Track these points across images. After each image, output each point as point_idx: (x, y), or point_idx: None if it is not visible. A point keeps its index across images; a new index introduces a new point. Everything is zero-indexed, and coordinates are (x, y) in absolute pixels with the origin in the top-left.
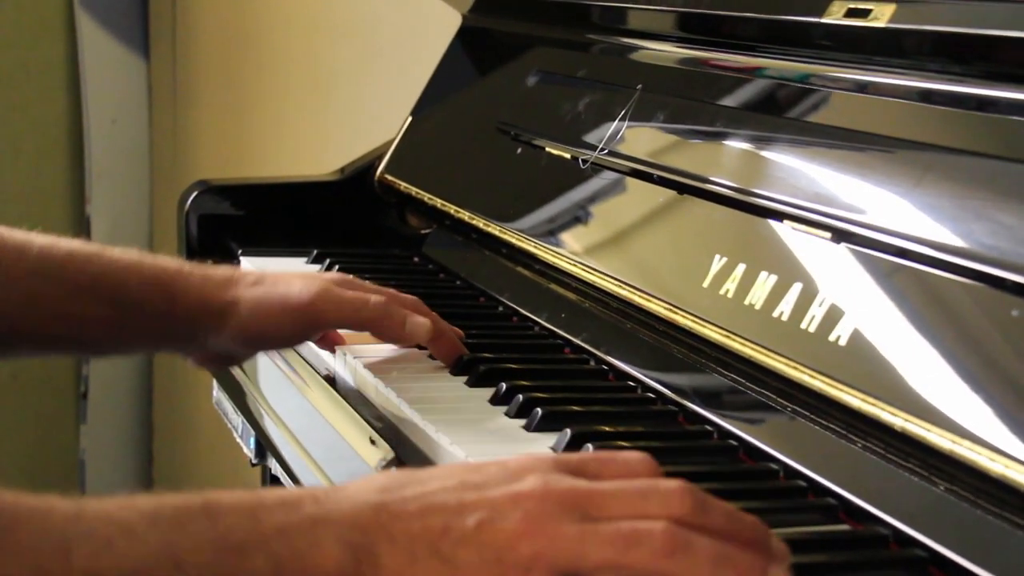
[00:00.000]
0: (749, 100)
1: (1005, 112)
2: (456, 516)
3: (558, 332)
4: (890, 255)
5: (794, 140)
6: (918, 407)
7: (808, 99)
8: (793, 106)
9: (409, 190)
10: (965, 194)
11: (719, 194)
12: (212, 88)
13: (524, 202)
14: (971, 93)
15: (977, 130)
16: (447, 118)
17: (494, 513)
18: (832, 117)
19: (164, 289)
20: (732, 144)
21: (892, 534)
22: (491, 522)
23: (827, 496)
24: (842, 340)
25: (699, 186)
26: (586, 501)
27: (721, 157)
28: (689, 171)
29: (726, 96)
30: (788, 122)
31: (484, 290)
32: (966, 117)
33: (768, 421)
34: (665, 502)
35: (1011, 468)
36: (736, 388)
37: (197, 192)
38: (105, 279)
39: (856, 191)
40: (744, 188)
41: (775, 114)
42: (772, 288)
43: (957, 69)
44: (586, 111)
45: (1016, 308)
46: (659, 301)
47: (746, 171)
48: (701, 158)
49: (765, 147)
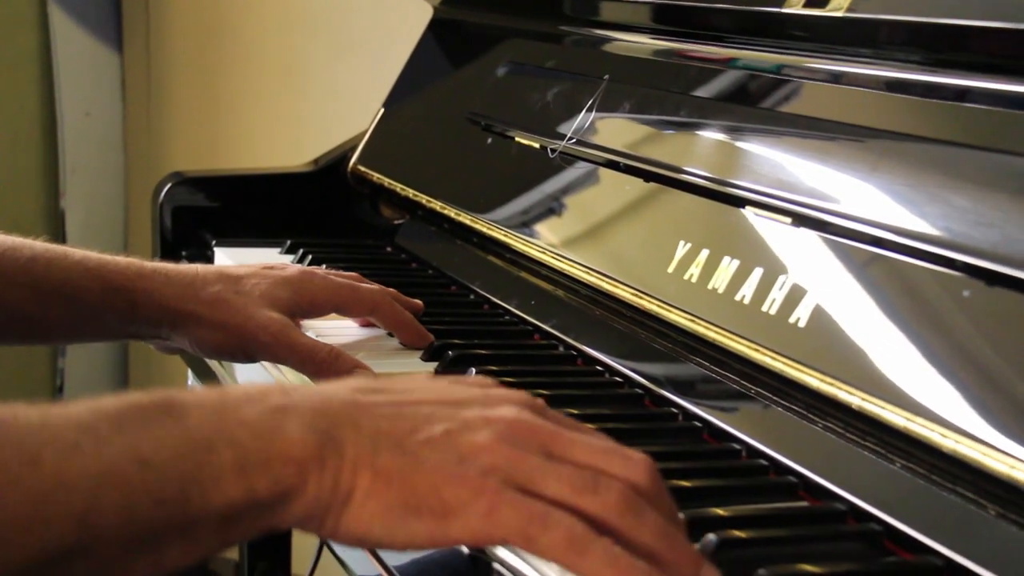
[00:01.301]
0: (713, 90)
1: (957, 99)
2: (425, 422)
3: (528, 319)
4: (847, 239)
5: (756, 128)
6: (874, 386)
7: (770, 88)
8: (755, 95)
9: (382, 181)
10: (919, 178)
11: (684, 182)
12: (186, 81)
13: (494, 192)
14: (925, 80)
15: (931, 117)
16: (419, 109)
17: (463, 427)
18: (792, 105)
19: (126, 296)
20: (696, 133)
21: (850, 509)
22: (459, 432)
23: (788, 474)
24: (801, 322)
25: (664, 174)
26: (553, 440)
27: (686, 146)
28: (655, 159)
29: (691, 86)
30: (750, 111)
31: (456, 279)
32: (920, 104)
33: (731, 402)
34: (626, 465)
35: (961, 443)
36: (700, 371)
37: (171, 184)
38: (67, 285)
39: (815, 177)
40: (708, 175)
41: (738, 103)
42: (734, 272)
43: (913, 57)
44: (555, 101)
45: (968, 288)
46: (626, 287)
47: (710, 159)
48: (666, 147)
49: (728, 135)
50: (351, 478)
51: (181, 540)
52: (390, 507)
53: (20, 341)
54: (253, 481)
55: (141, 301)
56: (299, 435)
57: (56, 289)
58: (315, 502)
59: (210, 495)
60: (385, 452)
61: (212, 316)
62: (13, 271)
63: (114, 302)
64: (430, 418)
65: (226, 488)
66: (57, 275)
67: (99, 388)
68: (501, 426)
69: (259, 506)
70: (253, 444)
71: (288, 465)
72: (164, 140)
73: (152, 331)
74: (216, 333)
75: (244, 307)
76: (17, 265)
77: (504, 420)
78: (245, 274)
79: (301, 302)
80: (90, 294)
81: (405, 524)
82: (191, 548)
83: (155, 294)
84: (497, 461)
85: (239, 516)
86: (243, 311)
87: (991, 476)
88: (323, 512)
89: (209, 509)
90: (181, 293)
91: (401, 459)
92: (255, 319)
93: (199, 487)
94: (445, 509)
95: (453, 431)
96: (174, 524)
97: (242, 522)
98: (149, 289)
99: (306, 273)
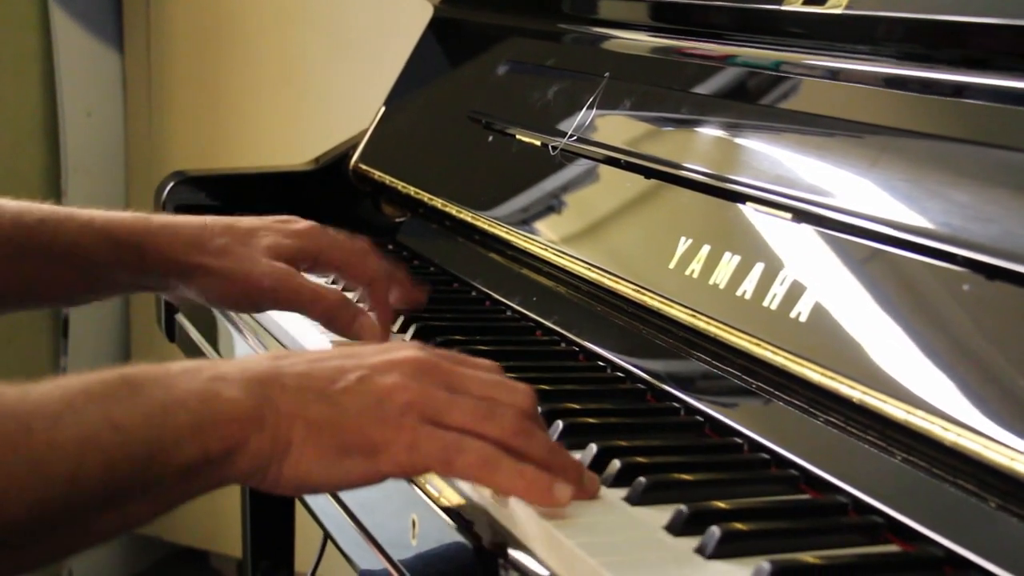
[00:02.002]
0: (712, 87)
1: (955, 95)
2: (339, 373)
3: (529, 315)
4: (847, 234)
5: (755, 125)
6: (875, 379)
7: (769, 85)
8: (754, 92)
9: (383, 179)
10: (919, 174)
11: (685, 178)
12: (187, 81)
13: (496, 189)
14: (923, 76)
15: (929, 113)
16: (420, 107)
17: (373, 372)
18: (790, 102)
19: (134, 250)
20: (696, 130)
21: (851, 502)
22: (370, 378)
23: (789, 468)
24: (802, 317)
25: (665, 171)
26: (450, 376)
27: (686, 142)
28: (655, 156)
29: (690, 83)
30: (749, 107)
31: (458, 276)
32: (918, 100)
33: (733, 397)
34: (514, 394)
35: (963, 436)
36: (702, 366)
37: (173, 183)
38: (77, 246)
39: (814, 173)
40: (708, 172)
41: (737, 100)
42: (735, 268)
43: (911, 53)
44: (556, 99)
45: (967, 283)
46: (627, 283)
47: (710, 155)
48: (667, 144)
49: (728, 132)
50: (287, 430)
51: (144, 496)
52: (324, 451)
53: (37, 305)
54: (206, 441)
55: (149, 255)
56: (239, 398)
57: (66, 251)
58: (257, 455)
59: (171, 454)
60: (312, 404)
61: (218, 266)
62: (23, 237)
63: (123, 257)
64: (342, 368)
65: (185, 448)
66: (66, 238)
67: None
68: (405, 367)
69: (211, 463)
70: (201, 408)
71: (232, 424)
72: (165, 139)
73: (161, 282)
74: (222, 282)
75: (250, 256)
76: (25, 230)
77: (407, 360)
78: (254, 226)
79: (307, 253)
80: (99, 253)
81: (340, 464)
82: (153, 503)
83: (163, 247)
84: (410, 398)
85: (195, 473)
86: (248, 259)
87: (991, 468)
88: (266, 464)
89: (170, 467)
90: (189, 245)
91: (328, 408)
92: (260, 266)
93: (161, 447)
94: (373, 447)
95: (364, 377)
96: (140, 482)
97: (197, 479)
98: (157, 243)
99: (316, 227)
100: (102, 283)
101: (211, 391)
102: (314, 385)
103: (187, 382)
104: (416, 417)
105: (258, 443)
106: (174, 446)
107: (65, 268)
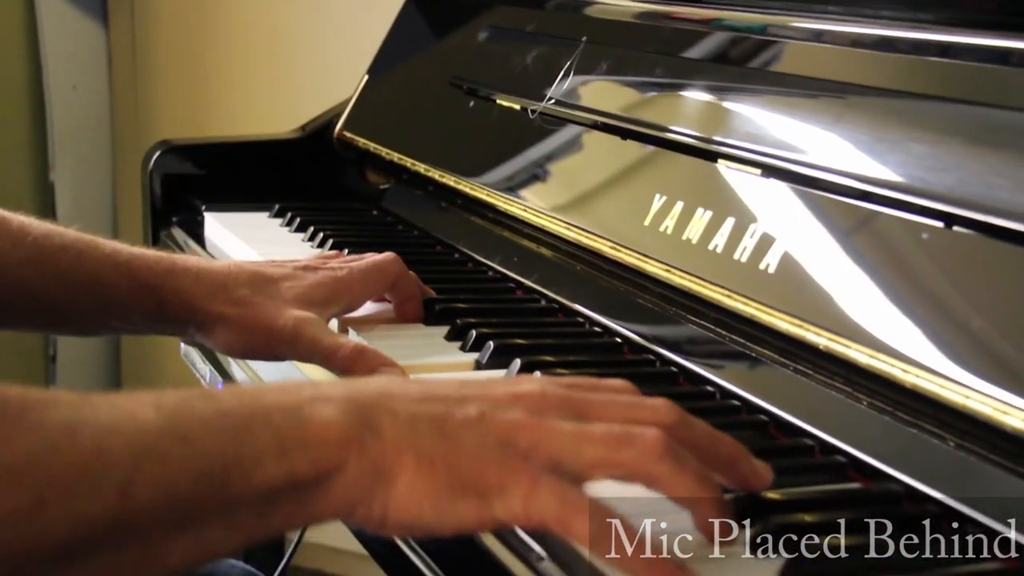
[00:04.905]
0: (685, 48)
1: (916, 52)
2: (458, 404)
3: (510, 275)
4: (813, 188)
5: (727, 85)
6: (840, 325)
7: (739, 45)
8: (725, 53)
9: (367, 145)
10: (882, 128)
11: (659, 138)
12: (171, 52)
13: (477, 154)
14: (886, 35)
15: (892, 69)
16: (402, 75)
17: (495, 405)
18: (760, 62)
19: (153, 294)
20: (670, 91)
21: (818, 445)
22: (492, 412)
23: (759, 413)
24: (771, 268)
25: (640, 131)
26: (580, 406)
27: (660, 103)
28: (631, 117)
29: (664, 46)
30: (721, 68)
31: (441, 239)
32: (880, 58)
33: (706, 348)
34: (653, 413)
35: (921, 378)
36: (677, 319)
37: (160, 152)
38: (95, 278)
39: (783, 130)
40: (682, 131)
41: (709, 61)
42: (708, 223)
43: (873, 12)
44: (536, 64)
45: (926, 231)
46: (604, 240)
47: (683, 115)
48: (642, 105)
49: (701, 92)
50: (393, 460)
51: (221, 521)
52: (437, 489)
53: (46, 329)
54: (293, 462)
55: (170, 300)
56: (336, 418)
57: (84, 281)
58: (357, 485)
59: (250, 474)
60: (425, 435)
61: (239, 317)
62: (41, 259)
63: (141, 299)
64: (462, 400)
65: (266, 467)
66: (86, 267)
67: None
68: (530, 402)
69: (299, 487)
70: (290, 426)
71: (326, 446)
72: (151, 111)
73: (179, 329)
74: (242, 334)
75: (274, 306)
76: (47, 254)
77: (532, 396)
78: (278, 276)
79: (338, 302)
80: (118, 289)
81: (453, 506)
82: (231, 531)
83: (184, 293)
84: (534, 438)
85: (279, 498)
86: (271, 310)
87: (948, 407)
88: (368, 497)
89: (249, 489)
90: (211, 294)
91: (442, 441)
92: (282, 317)
93: (239, 466)
94: (488, 490)
95: (486, 412)
96: (214, 504)
97: (283, 505)
98: (178, 288)
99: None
100: (117, 319)
101: (305, 410)
102: (429, 415)
103: (278, 397)
104: (543, 459)
105: (358, 471)
106: (254, 465)
107: (81, 297)
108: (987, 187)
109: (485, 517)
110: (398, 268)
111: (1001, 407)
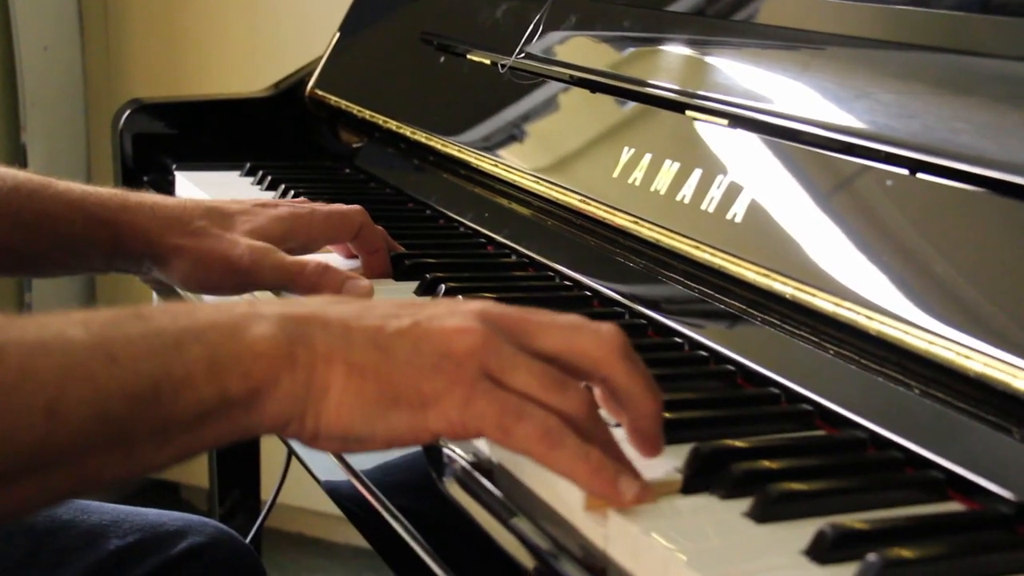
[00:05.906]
0: (653, 0)
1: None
2: (392, 318)
3: (481, 231)
4: (779, 137)
5: (694, 36)
6: (805, 273)
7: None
8: (691, 3)
9: (339, 103)
10: (848, 77)
11: (627, 90)
12: (144, 12)
13: (448, 110)
14: None
15: (858, 17)
16: (374, 31)
17: (431, 317)
18: (725, 10)
19: (108, 228)
20: (638, 43)
21: (784, 393)
22: (428, 321)
23: (727, 364)
24: (738, 218)
25: (609, 83)
26: (521, 327)
27: (628, 56)
28: (599, 70)
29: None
30: (687, 19)
31: (413, 196)
32: (849, 6)
33: (675, 300)
34: (596, 336)
35: (886, 324)
36: (645, 272)
37: (130, 111)
38: (49, 216)
39: (749, 79)
40: (650, 83)
41: (676, 12)
42: (675, 174)
43: None
44: (504, 18)
45: (889, 179)
46: (574, 194)
47: (651, 67)
48: (610, 58)
49: (668, 45)
50: (325, 373)
51: (152, 438)
52: (368, 400)
53: (5, 272)
54: (223, 377)
55: (124, 234)
56: (268, 332)
57: (38, 220)
58: (290, 399)
59: (181, 392)
60: (358, 346)
61: (196, 248)
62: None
63: (96, 235)
64: (397, 315)
65: (197, 384)
66: (39, 206)
67: None
68: (469, 314)
69: (231, 404)
70: (222, 341)
71: (258, 360)
72: (124, 71)
73: (135, 264)
74: (198, 266)
75: (229, 238)
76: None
77: (471, 310)
78: (235, 211)
79: (296, 238)
80: (72, 226)
81: (385, 417)
82: (163, 447)
83: (139, 227)
84: (471, 345)
85: (211, 415)
86: (227, 241)
87: (912, 354)
88: (300, 410)
89: (180, 407)
90: (166, 226)
91: (375, 352)
92: (239, 247)
93: (169, 384)
94: (423, 400)
95: (420, 321)
96: (145, 423)
97: (215, 422)
98: (132, 222)
99: (298, 212)
100: (73, 258)
101: (238, 325)
102: (362, 327)
103: (212, 314)
104: (475, 369)
105: (290, 385)
106: (185, 384)
107: (36, 237)
108: (951, 132)
109: (419, 428)
110: (362, 218)
111: (964, 351)
